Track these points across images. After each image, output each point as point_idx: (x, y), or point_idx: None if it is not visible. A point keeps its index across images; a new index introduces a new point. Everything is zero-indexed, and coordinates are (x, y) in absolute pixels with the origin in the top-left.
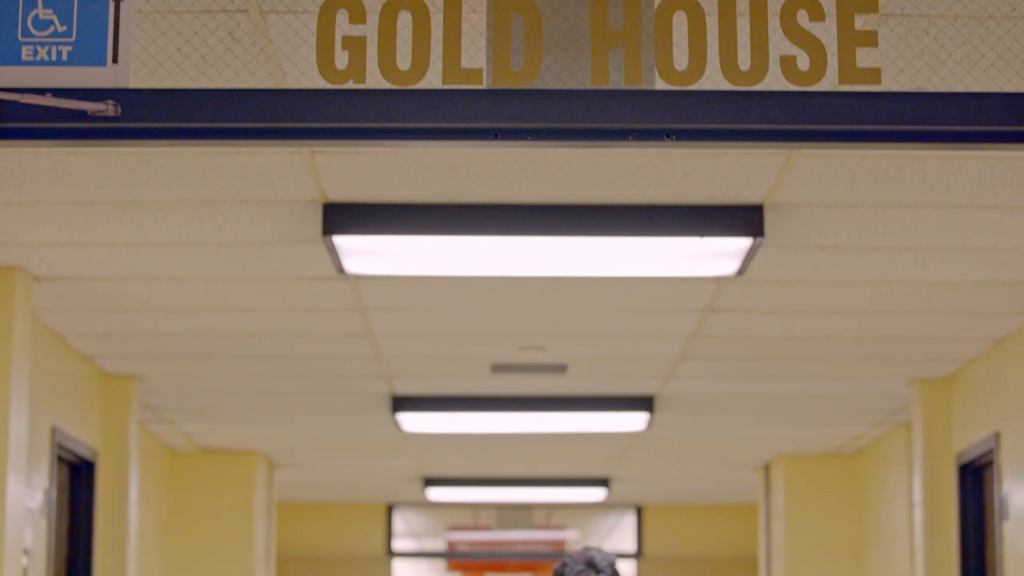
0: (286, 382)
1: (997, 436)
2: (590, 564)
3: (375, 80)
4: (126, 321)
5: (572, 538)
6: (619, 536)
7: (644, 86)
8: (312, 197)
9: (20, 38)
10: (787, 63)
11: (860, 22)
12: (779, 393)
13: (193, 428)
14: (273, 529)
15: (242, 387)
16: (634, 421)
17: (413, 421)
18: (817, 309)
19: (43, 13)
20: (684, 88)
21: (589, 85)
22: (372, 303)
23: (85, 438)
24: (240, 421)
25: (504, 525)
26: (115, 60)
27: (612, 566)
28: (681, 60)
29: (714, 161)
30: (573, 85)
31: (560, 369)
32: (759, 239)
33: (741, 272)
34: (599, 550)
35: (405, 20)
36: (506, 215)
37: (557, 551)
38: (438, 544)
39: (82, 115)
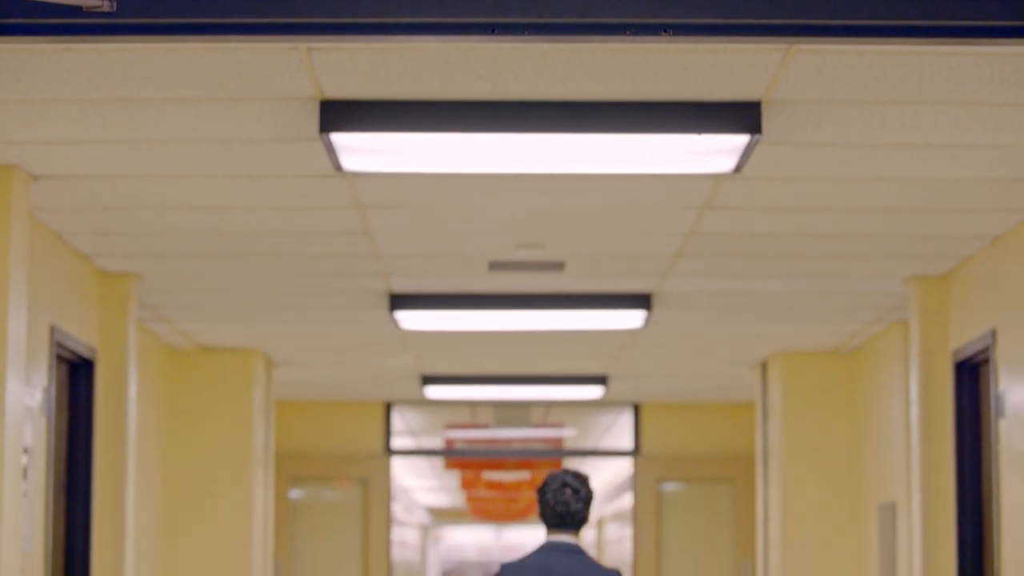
0: (284, 280)
1: (993, 333)
2: (565, 484)
3: None
4: (123, 219)
5: (570, 436)
6: (616, 434)
7: None
8: (309, 94)
9: None
10: None
11: None
12: (776, 291)
13: (191, 327)
14: (271, 427)
15: (240, 285)
16: (631, 319)
17: (411, 319)
18: (814, 206)
19: None
20: None
21: None
22: (369, 201)
23: (84, 337)
24: (238, 319)
25: (502, 423)
26: None
27: (585, 484)
28: None
29: (711, 57)
30: None
31: (557, 267)
32: (756, 136)
33: (738, 169)
34: (575, 472)
35: None
36: (504, 112)
37: (555, 449)
38: (436, 442)
39: (78, 11)
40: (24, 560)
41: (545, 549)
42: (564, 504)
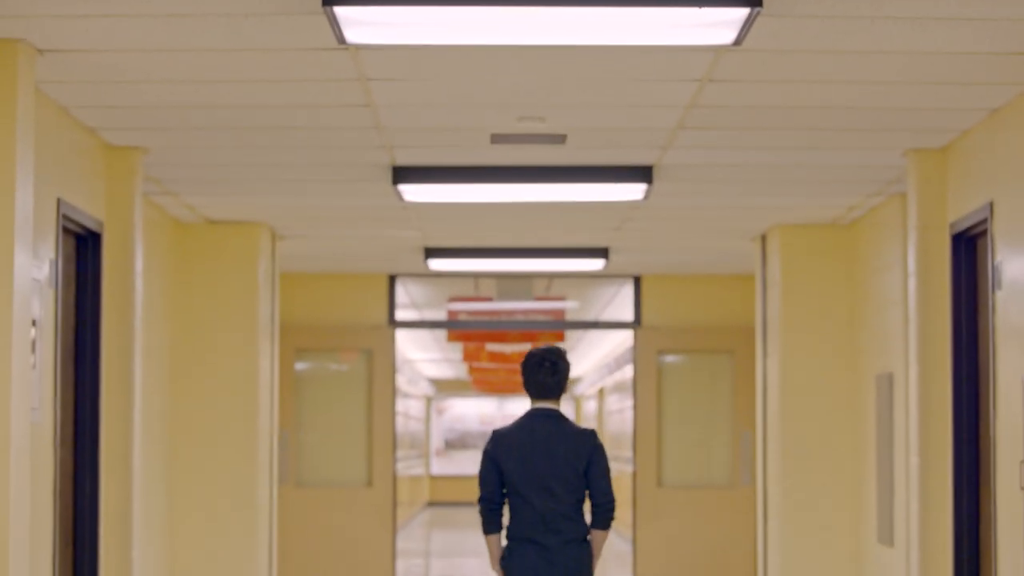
0: (288, 153)
1: (991, 206)
2: (543, 360)
3: None
4: (129, 93)
5: (571, 308)
6: (617, 306)
7: None
8: None
9: None
10: None
11: None
12: (776, 164)
13: (197, 200)
14: (276, 299)
15: (245, 159)
16: (632, 191)
17: (414, 192)
18: (814, 79)
19: None
20: None
21: None
22: (373, 74)
23: (90, 210)
24: (243, 192)
25: (504, 296)
26: None
27: (561, 359)
28: None
29: None
30: None
31: (559, 139)
32: (757, 8)
33: (738, 42)
34: (553, 348)
35: None
36: None
37: (557, 321)
38: (439, 315)
39: None
40: (34, 430)
41: (529, 416)
42: (543, 378)
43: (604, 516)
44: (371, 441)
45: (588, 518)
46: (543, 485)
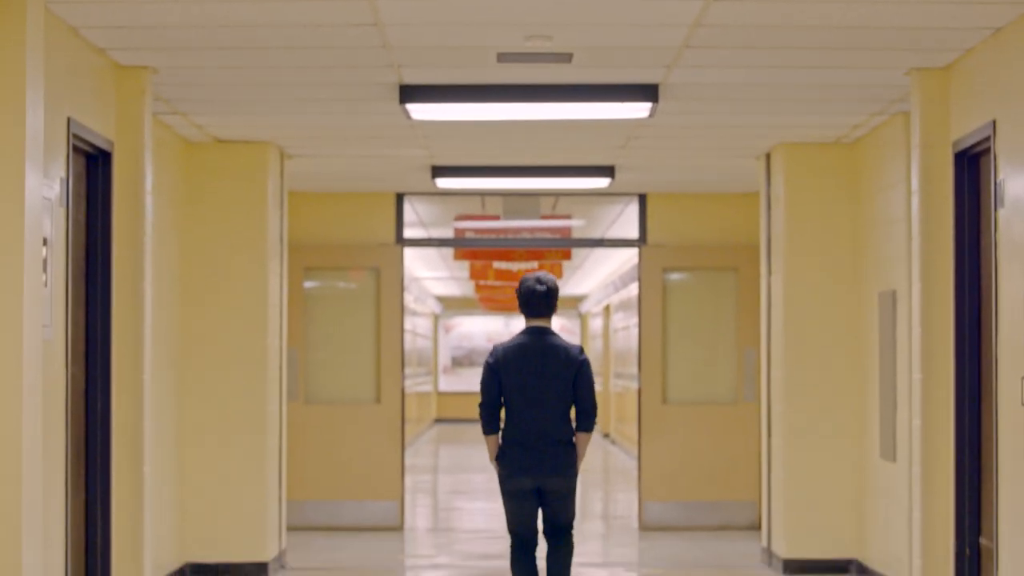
0: (297, 73)
1: (994, 124)
2: (533, 285)
3: None
4: (138, 12)
5: (578, 226)
6: (623, 224)
7: None
8: None
9: None
10: None
11: None
12: (780, 82)
13: (206, 119)
14: (285, 218)
15: (253, 78)
16: (638, 110)
17: (421, 110)
18: None
19: None
20: None
21: None
22: None
23: (100, 129)
24: (252, 112)
25: (511, 214)
26: None
27: (549, 283)
28: None
29: None
30: None
31: (566, 58)
32: None
33: None
34: (541, 274)
35: None
36: None
37: (563, 239)
38: (446, 233)
39: None
40: (46, 347)
41: (524, 332)
42: (536, 300)
43: (587, 421)
44: (379, 358)
45: (574, 423)
46: (536, 393)
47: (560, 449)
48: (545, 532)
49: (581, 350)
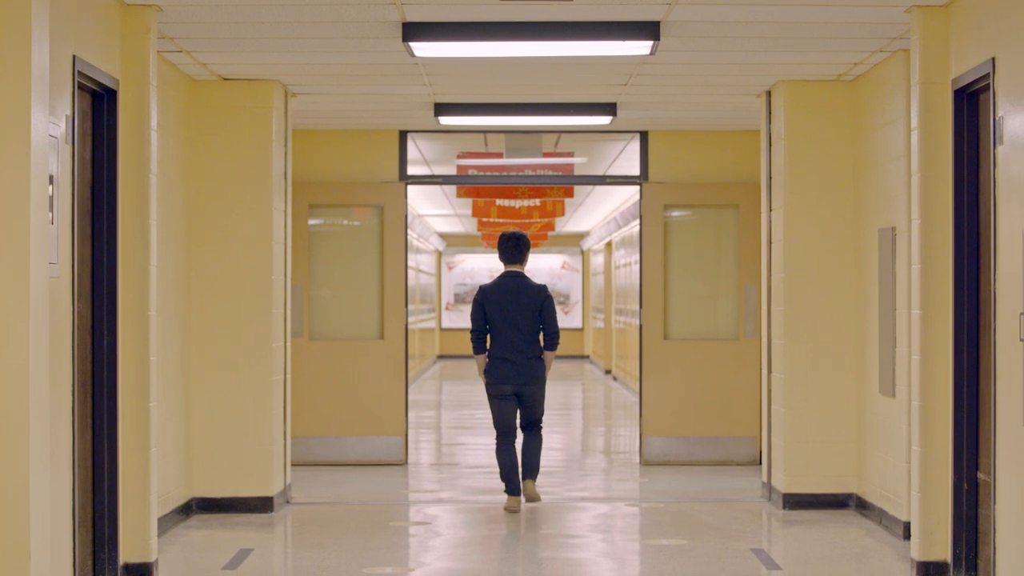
0: (300, 11)
1: (993, 61)
2: (507, 241)
3: None
4: None
5: (579, 163)
6: (624, 161)
7: None
8: None
9: None
10: None
11: None
12: (781, 20)
13: (210, 57)
14: (289, 156)
15: (257, 16)
16: (640, 47)
17: (424, 48)
18: None
19: None
20: None
21: None
22: None
23: (106, 67)
24: (256, 50)
25: (513, 152)
26: None
27: (521, 238)
28: None
29: None
30: None
31: None
32: None
33: None
34: (515, 232)
35: None
36: None
37: (564, 176)
38: (449, 171)
39: None
40: (52, 284)
41: (504, 275)
42: (511, 251)
43: (552, 342)
44: (383, 295)
45: (542, 343)
46: (512, 321)
47: (533, 363)
48: (521, 426)
49: (545, 288)
